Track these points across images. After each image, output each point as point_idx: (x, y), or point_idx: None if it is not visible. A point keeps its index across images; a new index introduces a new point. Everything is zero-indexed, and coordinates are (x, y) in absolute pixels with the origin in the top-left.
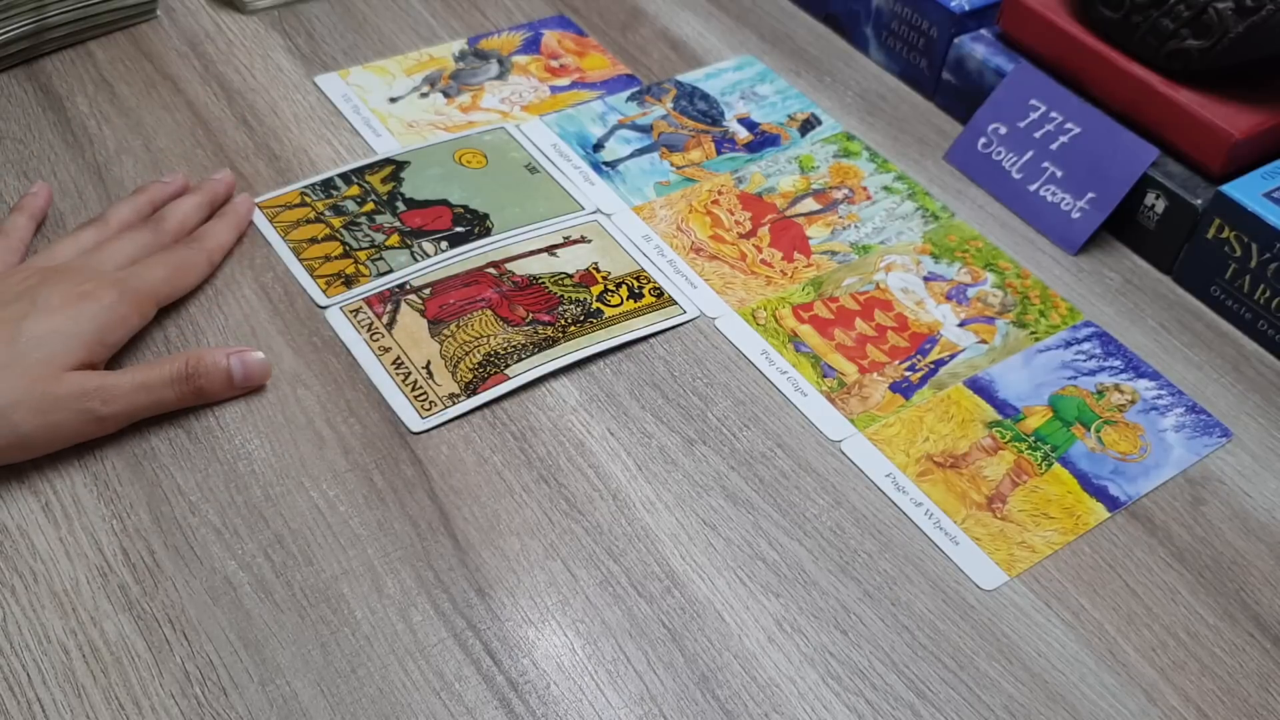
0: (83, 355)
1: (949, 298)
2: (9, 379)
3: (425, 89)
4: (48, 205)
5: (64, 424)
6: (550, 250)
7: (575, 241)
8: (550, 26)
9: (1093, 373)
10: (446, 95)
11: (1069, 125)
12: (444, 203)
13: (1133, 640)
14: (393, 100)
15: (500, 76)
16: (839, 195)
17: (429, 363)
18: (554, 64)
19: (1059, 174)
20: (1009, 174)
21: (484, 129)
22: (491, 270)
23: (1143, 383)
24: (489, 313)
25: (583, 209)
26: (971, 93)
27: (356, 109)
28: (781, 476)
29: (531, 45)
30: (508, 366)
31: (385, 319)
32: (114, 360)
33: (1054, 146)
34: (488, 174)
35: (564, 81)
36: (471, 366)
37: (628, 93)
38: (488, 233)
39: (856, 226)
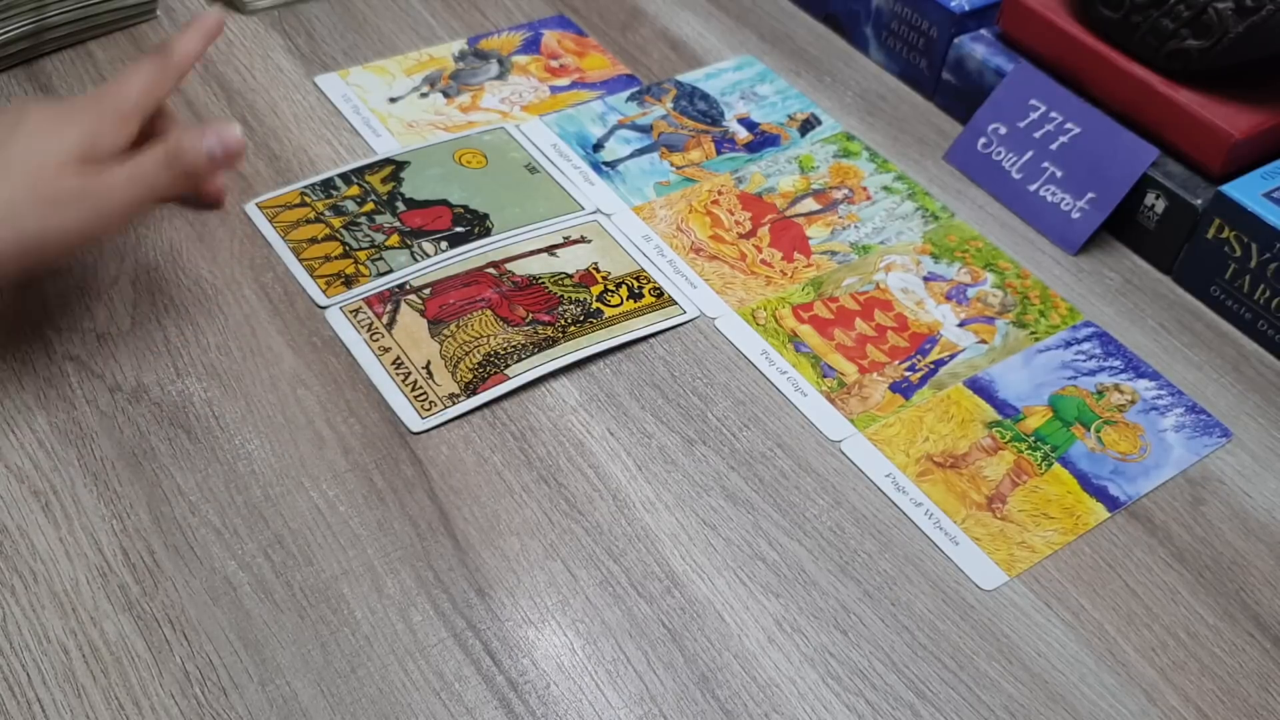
0: (75, 163)
1: (949, 298)
2: (6, 182)
3: (425, 89)
4: (218, 33)
5: (70, 223)
6: (550, 250)
7: (575, 241)
8: (550, 26)
9: (1093, 373)
10: (446, 95)
11: (1069, 125)
12: (444, 203)
13: (1133, 640)
14: (392, 100)
15: (500, 76)
16: (839, 195)
17: (429, 363)
18: (554, 64)
19: (1059, 174)
20: (1009, 174)
21: (484, 129)
22: (491, 270)
23: (1143, 383)
24: (489, 313)
25: (583, 209)
26: (971, 93)
27: (356, 109)
28: (781, 476)
29: (531, 45)
30: (508, 366)
31: (385, 319)
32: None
33: (1054, 146)
34: (488, 174)
35: (564, 82)
36: (471, 366)
37: (628, 93)
38: (488, 233)
39: (856, 226)
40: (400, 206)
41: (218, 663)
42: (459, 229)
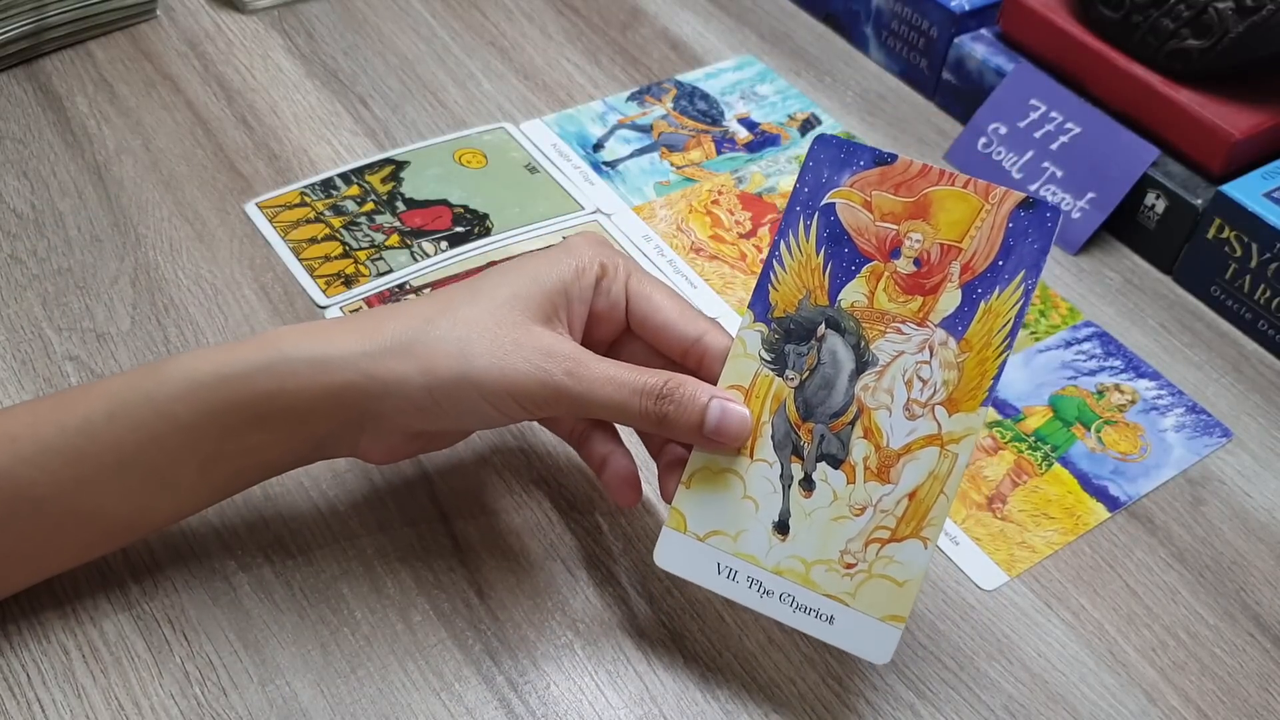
0: (546, 308)
1: None
2: (472, 310)
3: (800, 473)
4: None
5: (516, 373)
6: None
7: None
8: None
9: (1093, 373)
10: (834, 462)
11: (1069, 125)
12: (444, 203)
13: (1133, 640)
14: (781, 530)
15: (861, 363)
16: None
17: None
18: (908, 268)
19: (1059, 174)
20: (1009, 174)
21: (484, 129)
22: None
23: (1143, 383)
24: None
25: (583, 209)
26: (971, 93)
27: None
28: None
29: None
30: None
31: None
32: None
33: (1054, 146)
34: (488, 174)
35: (951, 301)
36: None
37: (627, 93)
38: (488, 233)
39: None
40: (400, 206)
41: (217, 663)
42: (459, 229)
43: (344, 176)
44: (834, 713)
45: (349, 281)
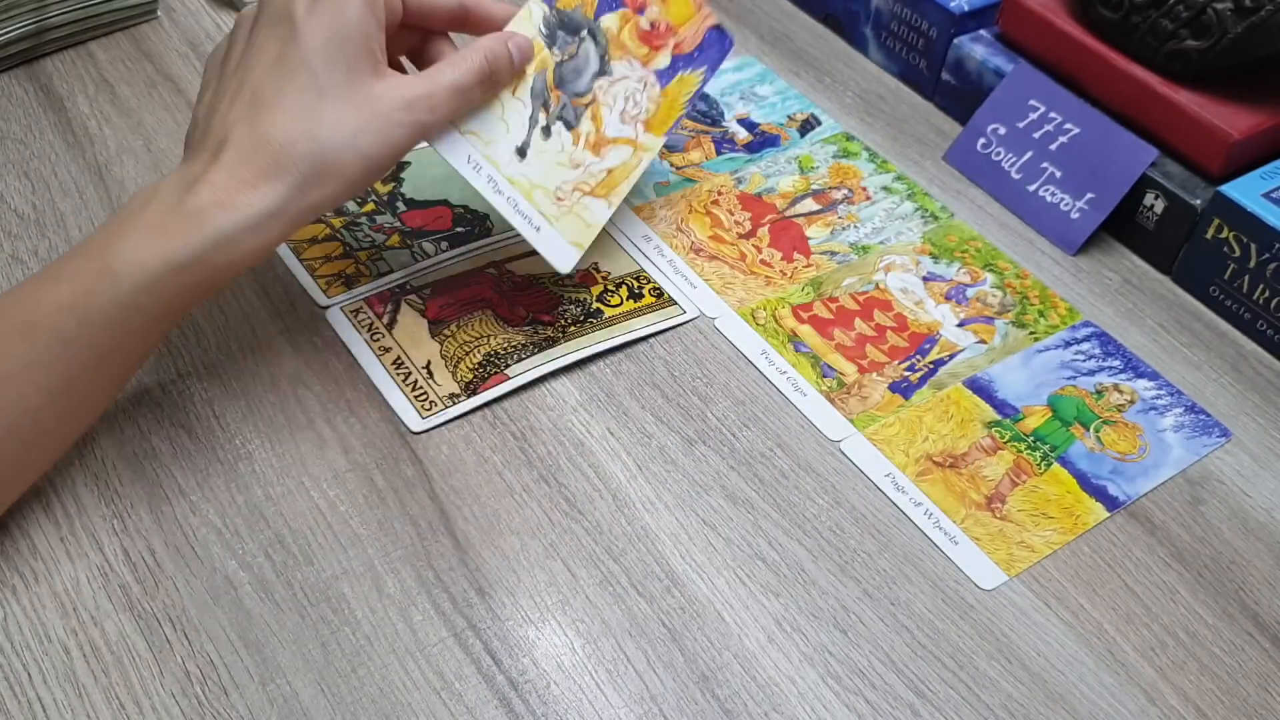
0: (370, 61)
1: (948, 298)
2: (338, 109)
3: (544, 121)
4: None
5: (401, 140)
6: None
7: None
8: None
9: (1092, 373)
10: (568, 125)
11: (1068, 125)
12: (444, 203)
13: (1132, 640)
14: (521, 153)
15: (602, 69)
16: (838, 195)
17: (429, 363)
18: (645, 25)
19: (1058, 174)
20: (1008, 174)
21: None
22: (491, 270)
23: (1142, 383)
24: (489, 313)
25: None
26: (971, 93)
27: (493, 182)
28: (781, 476)
29: None
30: (508, 366)
31: (385, 319)
32: None
33: (1053, 147)
34: None
35: (664, 61)
36: (472, 366)
37: None
38: (488, 233)
39: (856, 227)
40: (400, 206)
41: (218, 662)
42: (459, 229)
43: None
44: (834, 713)
45: (349, 282)
